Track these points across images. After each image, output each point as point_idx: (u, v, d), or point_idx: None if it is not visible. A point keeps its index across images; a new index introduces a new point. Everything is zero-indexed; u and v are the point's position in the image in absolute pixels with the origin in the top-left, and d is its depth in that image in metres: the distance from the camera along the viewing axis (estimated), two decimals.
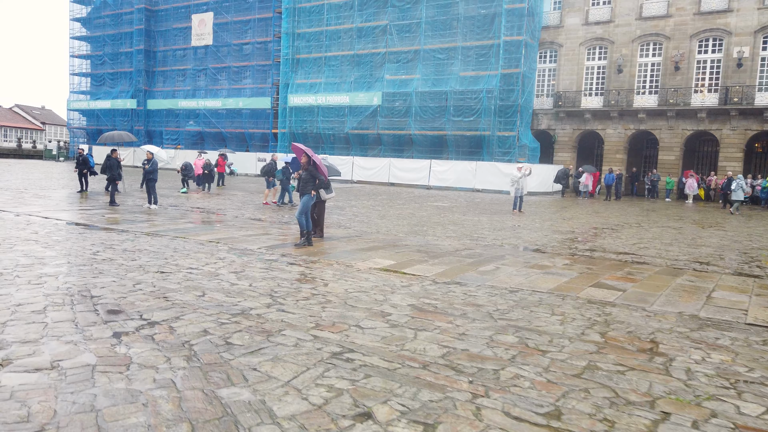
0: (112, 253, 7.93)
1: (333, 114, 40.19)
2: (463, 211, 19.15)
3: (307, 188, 9.62)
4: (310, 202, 9.67)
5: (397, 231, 12.87)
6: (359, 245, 10.14)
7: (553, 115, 35.70)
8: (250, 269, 7.31)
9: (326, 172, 10.12)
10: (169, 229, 11.10)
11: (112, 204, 15.51)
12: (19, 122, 71.34)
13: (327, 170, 10.51)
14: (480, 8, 35.01)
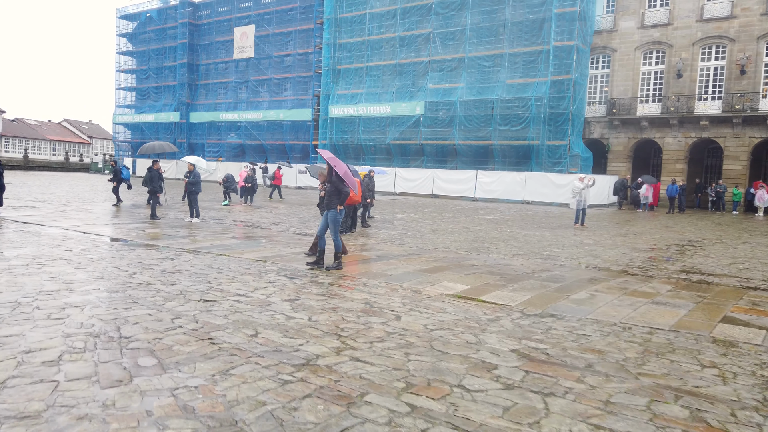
0: (149, 275, 7.01)
1: (374, 125, 39.34)
2: (520, 225, 17.79)
3: (333, 203, 8.40)
4: (340, 218, 8.55)
5: (456, 247, 11.68)
6: (421, 265, 8.99)
7: (607, 123, 33.89)
8: (306, 296, 6.25)
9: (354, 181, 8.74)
10: (212, 246, 10.21)
11: (153, 217, 14.83)
12: (68, 136, 73.33)
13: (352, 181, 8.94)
14: (528, 13, 33.66)
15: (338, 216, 8.45)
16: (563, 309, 6.28)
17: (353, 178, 8.46)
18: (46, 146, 69.40)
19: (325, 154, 8.47)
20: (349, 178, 8.34)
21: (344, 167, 8.37)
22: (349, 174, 8.32)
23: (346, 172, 8.23)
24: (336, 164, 8.33)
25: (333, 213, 8.40)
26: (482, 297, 6.71)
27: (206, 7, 52.16)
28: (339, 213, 8.41)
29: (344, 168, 8.34)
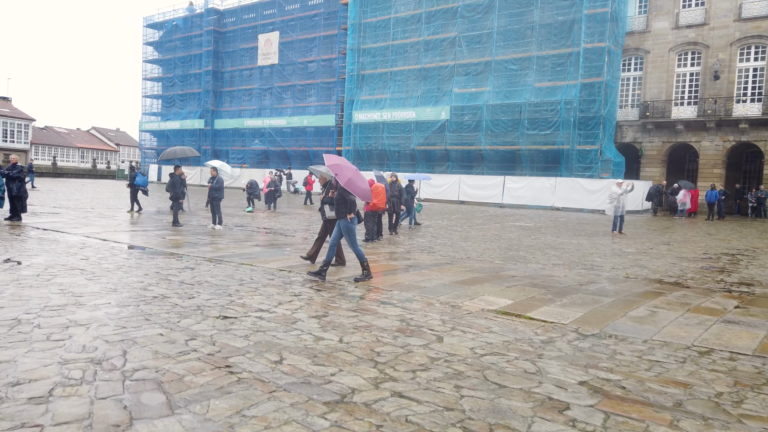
0: (166, 287, 6.50)
1: (398, 130, 38.80)
2: (554, 232, 16.97)
3: (341, 212, 7.71)
4: (353, 227, 7.75)
5: (490, 256, 10.99)
6: (456, 275, 8.33)
7: (640, 127, 32.74)
8: (335, 311, 5.66)
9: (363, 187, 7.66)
10: (234, 254, 9.71)
11: (175, 224, 14.46)
12: (96, 144, 74.45)
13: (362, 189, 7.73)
14: (557, 15, 32.81)
15: (351, 225, 7.70)
16: (624, 328, 5.57)
17: (360, 185, 7.52)
18: (74, 154, 70.52)
19: (329, 160, 7.69)
20: (353, 185, 7.41)
21: (349, 174, 7.48)
22: (354, 181, 7.43)
23: (350, 180, 7.37)
24: (339, 172, 7.48)
25: (344, 223, 7.68)
26: (529, 313, 6.04)
27: (231, 15, 52.43)
28: (350, 222, 7.68)
29: (348, 175, 7.45)
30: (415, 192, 17.17)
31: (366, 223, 13.01)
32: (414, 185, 17.30)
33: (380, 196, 12.86)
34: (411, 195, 16.95)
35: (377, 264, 9.42)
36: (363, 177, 7.81)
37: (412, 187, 17.10)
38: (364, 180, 7.76)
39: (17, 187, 13.77)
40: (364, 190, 7.58)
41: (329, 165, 7.61)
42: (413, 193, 17.06)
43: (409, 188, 16.94)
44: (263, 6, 49.36)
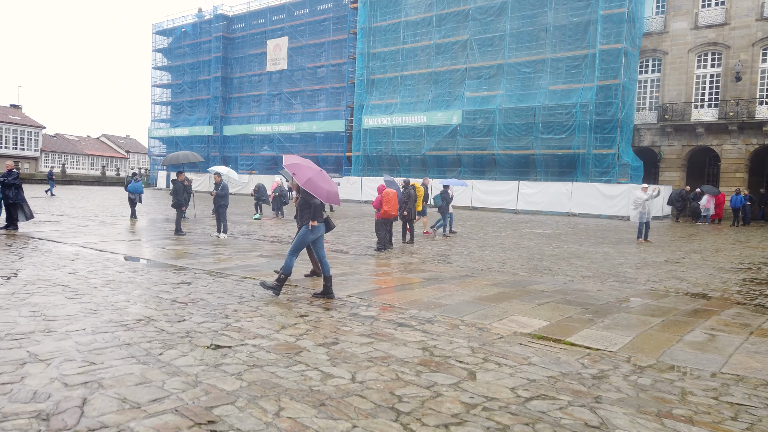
0: (155, 306, 5.77)
1: (409, 135, 38.07)
2: (575, 239, 16.11)
3: (304, 217, 6.86)
4: (306, 237, 6.83)
5: (512, 267, 10.18)
6: (479, 290, 7.54)
7: (658, 130, 31.77)
8: (346, 337, 4.89)
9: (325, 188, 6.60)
10: (236, 266, 8.98)
11: (178, 233, 13.78)
12: (106, 151, 74.44)
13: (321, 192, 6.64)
14: (572, 16, 31.99)
15: (307, 234, 6.77)
16: (684, 358, 4.74)
17: (322, 186, 6.53)
18: (84, 161, 70.50)
19: (287, 160, 6.82)
20: (314, 185, 6.43)
21: (308, 174, 6.52)
22: (314, 181, 6.46)
23: (309, 180, 6.44)
24: (297, 172, 6.53)
25: (304, 230, 6.82)
26: (570, 338, 5.23)
27: (240, 21, 52.12)
28: (312, 231, 6.77)
29: (308, 175, 6.50)
30: (450, 198, 16.36)
31: (377, 232, 12.26)
32: (449, 191, 16.46)
33: (391, 202, 12.11)
34: (446, 201, 16.15)
35: (390, 277, 8.64)
36: (328, 179, 6.84)
37: (447, 193, 16.26)
38: (330, 182, 6.80)
39: (14, 194, 13.16)
40: (327, 191, 6.56)
41: (286, 165, 6.72)
42: (448, 199, 16.24)
43: (444, 194, 16.16)
44: (272, 11, 48.99)
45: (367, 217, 23.10)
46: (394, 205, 12.22)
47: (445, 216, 16.33)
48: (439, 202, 16.20)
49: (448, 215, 16.36)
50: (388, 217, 12.23)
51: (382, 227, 12.23)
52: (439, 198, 16.17)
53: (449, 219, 16.49)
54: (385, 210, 12.06)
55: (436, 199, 16.28)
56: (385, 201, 12.08)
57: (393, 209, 12.18)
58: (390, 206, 12.09)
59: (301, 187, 6.57)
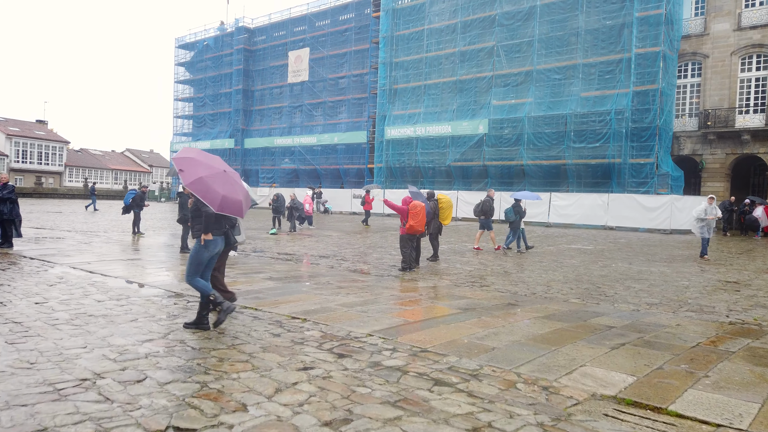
0: (115, 356, 4.47)
1: (433, 145, 36.74)
2: (622, 257, 14.50)
3: (196, 229, 5.57)
4: (201, 255, 5.48)
5: (560, 291, 8.71)
6: (531, 326, 6.09)
7: (699, 138, 29.84)
8: (362, 407, 3.52)
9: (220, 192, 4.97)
10: (239, 292, 7.70)
11: (184, 250, 12.62)
12: (129, 166, 74.75)
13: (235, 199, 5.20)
14: (605, 19, 30.43)
15: (201, 251, 5.44)
16: None
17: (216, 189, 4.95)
18: (108, 175, 70.80)
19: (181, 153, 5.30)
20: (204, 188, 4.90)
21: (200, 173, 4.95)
22: (207, 183, 4.93)
23: (199, 180, 4.91)
24: (185, 168, 5.00)
25: (196, 245, 5.49)
26: (673, 405, 3.78)
27: (261, 33, 51.70)
28: (204, 246, 5.43)
29: (199, 174, 4.95)
30: (523, 212, 15.11)
31: (402, 249, 10.90)
32: (522, 204, 15.21)
33: (419, 216, 10.75)
34: (519, 216, 14.92)
35: (419, 306, 7.25)
36: (234, 182, 5.21)
37: (520, 206, 15.02)
38: (234, 187, 5.08)
39: (9, 209, 12.17)
40: (223, 197, 4.91)
41: (175, 159, 5.19)
42: (522, 213, 15.03)
43: (516, 208, 14.94)
44: (293, 23, 48.42)
45: (390, 231, 21.76)
46: (422, 220, 10.85)
47: (516, 231, 15.05)
48: (511, 217, 14.91)
49: (521, 231, 15.09)
50: (414, 233, 10.87)
51: (407, 244, 10.87)
52: (511, 212, 14.91)
53: (522, 234, 15.18)
54: (411, 225, 10.71)
55: (508, 213, 15.03)
56: (412, 215, 10.74)
57: (420, 224, 10.82)
58: (417, 221, 10.74)
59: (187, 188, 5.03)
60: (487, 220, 15.23)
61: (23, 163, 58.90)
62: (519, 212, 14.95)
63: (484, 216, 15.21)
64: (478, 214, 15.32)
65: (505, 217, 15.23)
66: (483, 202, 15.24)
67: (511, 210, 14.98)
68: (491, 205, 15.20)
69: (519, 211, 14.96)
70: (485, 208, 15.13)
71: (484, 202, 15.19)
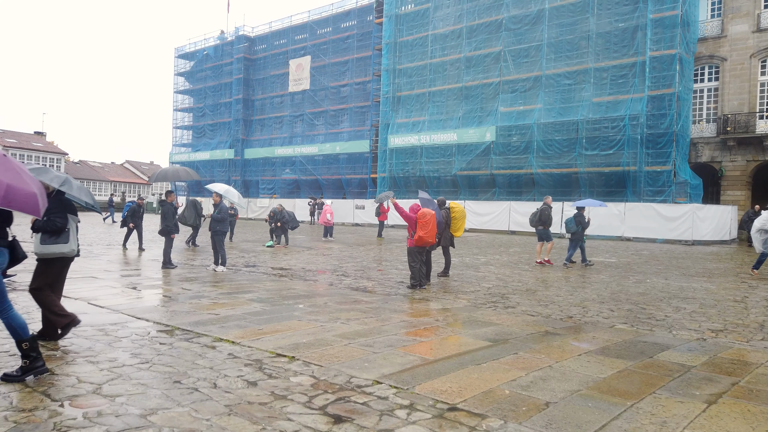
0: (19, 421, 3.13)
1: (438, 154, 35.46)
2: (653, 271, 13.10)
3: None
4: None
5: (600, 312, 7.35)
6: (586, 365, 4.72)
7: (718, 144, 28.50)
8: None
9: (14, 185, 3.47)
10: (217, 318, 6.36)
11: (166, 266, 11.28)
12: (129, 177, 73.70)
13: None
14: (617, 21, 29.25)
15: None
16: None
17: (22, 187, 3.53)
18: (107, 187, 69.72)
19: None
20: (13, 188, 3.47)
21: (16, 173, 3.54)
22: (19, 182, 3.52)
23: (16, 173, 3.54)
24: None
25: None
26: None
27: (262, 41, 50.76)
28: None
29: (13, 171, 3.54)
30: (587, 223, 13.63)
31: (411, 264, 9.55)
32: (585, 214, 13.73)
33: (428, 226, 9.39)
34: (582, 226, 13.43)
35: (436, 336, 5.86)
36: (18, 169, 3.58)
37: (582, 216, 13.51)
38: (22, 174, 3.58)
39: None
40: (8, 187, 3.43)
41: None
42: (584, 224, 13.53)
43: (578, 218, 13.43)
44: (294, 31, 47.49)
45: (395, 243, 20.40)
46: (432, 230, 9.50)
47: (576, 244, 13.58)
48: (572, 227, 13.42)
49: (582, 243, 13.64)
50: (423, 245, 9.52)
51: (416, 258, 9.52)
52: (572, 222, 13.41)
53: (582, 247, 13.70)
54: (420, 236, 9.36)
55: (569, 224, 13.52)
56: (421, 225, 9.39)
57: (430, 235, 9.46)
58: (427, 231, 9.39)
59: None
60: (546, 231, 13.82)
61: None
62: (581, 222, 13.40)
63: (542, 226, 13.78)
64: (536, 225, 13.89)
65: (566, 227, 13.70)
66: (540, 210, 13.80)
67: (572, 220, 13.44)
68: (550, 214, 13.77)
69: (581, 221, 13.41)
70: (543, 218, 13.69)
71: (542, 211, 13.75)
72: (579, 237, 13.56)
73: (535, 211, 14.01)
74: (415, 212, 9.57)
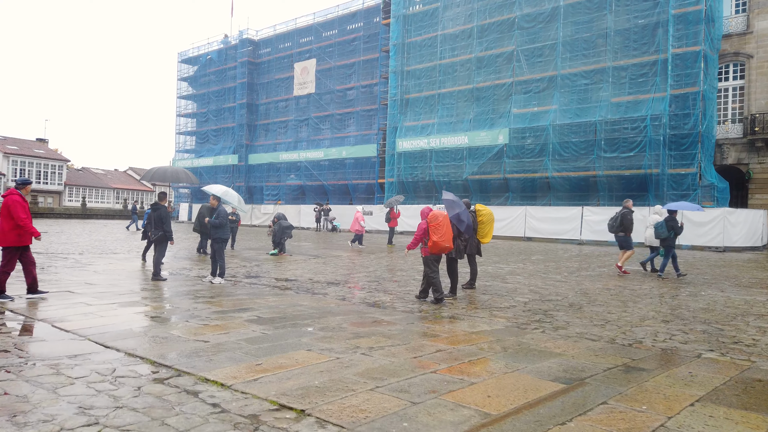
0: None
1: (448, 158, 34.17)
2: (699, 281, 11.74)
3: None
4: None
5: (671, 336, 6.01)
6: (715, 423, 3.38)
7: (745, 146, 27.09)
8: None
9: None
10: (206, 347, 5.07)
11: (155, 278, 10.00)
12: (132, 184, 72.76)
13: None
14: (637, 18, 27.97)
15: None
16: None
17: None
18: (109, 194, 68.79)
19: None
20: None
21: None
22: None
23: None
24: None
25: None
26: None
27: (266, 45, 49.78)
28: None
29: None
30: (680, 228, 12.23)
31: (429, 276, 8.25)
32: (678, 218, 12.52)
33: (442, 228, 8.07)
34: (675, 232, 12.05)
35: (488, 373, 4.52)
36: None
37: (675, 220, 12.13)
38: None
39: None
40: None
41: None
42: (677, 229, 12.14)
43: (670, 222, 12.01)
44: (299, 33, 46.45)
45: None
46: (448, 233, 8.17)
47: (669, 251, 12.16)
48: (663, 233, 12.05)
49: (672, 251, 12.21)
50: (440, 251, 8.19)
51: (434, 267, 8.24)
52: (663, 227, 12.03)
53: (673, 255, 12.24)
54: (434, 241, 8.04)
55: (660, 229, 12.14)
56: (434, 228, 8.08)
57: (446, 238, 8.13)
58: (441, 235, 8.06)
59: None
60: (628, 238, 12.55)
61: None
62: (674, 228, 12.01)
63: (624, 233, 12.52)
64: (616, 231, 12.65)
65: (655, 233, 12.30)
66: (621, 215, 12.51)
67: (664, 225, 12.03)
68: (631, 219, 12.52)
69: (674, 227, 12.02)
70: (626, 223, 12.43)
71: (623, 216, 12.48)
72: (671, 244, 12.10)
73: (615, 216, 12.71)
74: (425, 216, 8.31)
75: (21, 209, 7.43)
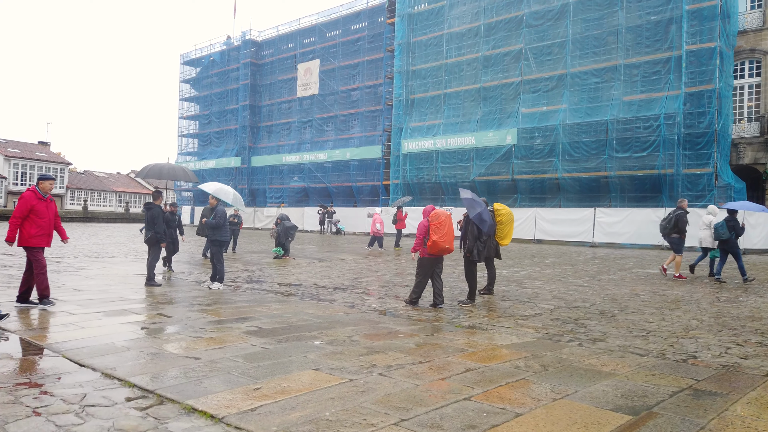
0: None
1: (455, 159, 33.44)
2: (735, 285, 10.97)
3: None
4: None
5: (727, 350, 5.26)
6: None
7: (762, 145, 26.29)
8: None
9: None
10: (197, 365, 4.34)
11: (149, 283, 9.30)
12: (134, 187, 72.24)
13: None
14: (649, 14, 27.23)
15: None
16: None
17: None
18: (111, 198, 68.28)
19: None
20: None
21: None
22: None
23: None
24: None
25: None
26: None
27: (269, 46, 49.22)
28: None
29: None
30: (741, 229, 11.50)
31: (417, 277, 7.61)
32: (739, 219, 11.84)
33: (444, 228, 7.34)
34: (736, 233, 11.31)
35: (533, 400, 3.78)
36: None
37: (737, 221, 11.37)
38: None
39: None
40: None
41: None
42: (739, 230, 11.42)
43: (731, 222, 11.26)
44: (303, 34, 45.86)
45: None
46: (449, 234, 7.45)
47: (726, 255, 11.53)
48: (724, 234, 11.32)
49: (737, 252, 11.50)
50: (438, 253, 7.46)
51: (426, 270, 7.67)
52: (724, 227, 11.29)
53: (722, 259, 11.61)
54: (434, 241, 7.33)
55: (720, 229, 11.42)
56: (434, 227, 7.38)
57: (447, 239, 7.40)
58: (441, 235, 7.34)
59: None
60: (681, 240, 11.81)
61: (21, 185, 56.43)
62: (735, 228, 11.27)
63: (678, 235, 11.77)
64: (669, 233, 11.90)
65: (716, 234, 11.56)
66: (676, 216, 11.74)
67: (724, 225, 11.29)
68: (686, 220, 11.78)
69: (735, 227, 11.28)
70: (681, 225, 11.69)
71: (678, 217, 11.72)
72: (734, 245, 11.37)
73: (668, 217, 11.97)
74: (426, 215, 7.62)
75: (20, 206, 6.88)
